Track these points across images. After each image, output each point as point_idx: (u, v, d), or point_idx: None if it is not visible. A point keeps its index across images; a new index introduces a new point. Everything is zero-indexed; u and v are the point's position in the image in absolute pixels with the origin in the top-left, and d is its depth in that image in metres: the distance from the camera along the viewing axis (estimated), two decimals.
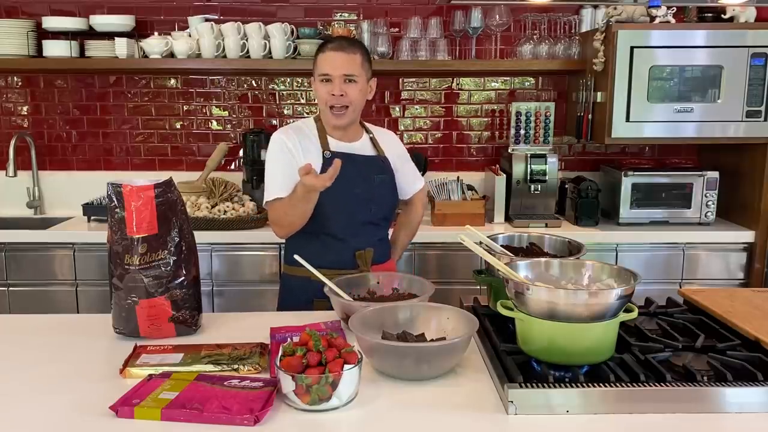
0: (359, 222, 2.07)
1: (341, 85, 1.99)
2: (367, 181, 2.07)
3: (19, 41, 3.19)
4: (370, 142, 2.17)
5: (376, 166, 2.12)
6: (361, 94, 2.04)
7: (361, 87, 2.03)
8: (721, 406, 1.26)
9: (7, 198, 3.46)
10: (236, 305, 2.96)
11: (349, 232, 2.06)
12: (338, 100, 2.00)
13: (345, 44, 2.04)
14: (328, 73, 2.00)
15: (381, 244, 2.16)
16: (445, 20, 3.33)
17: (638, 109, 2.95)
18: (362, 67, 2.03)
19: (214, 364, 1.44)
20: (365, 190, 2.06)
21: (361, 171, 2.07)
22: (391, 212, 2.21)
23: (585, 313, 1.33)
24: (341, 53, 2.00)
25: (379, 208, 2.12)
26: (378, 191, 2.10)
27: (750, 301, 1.72)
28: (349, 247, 2.06)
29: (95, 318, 1.84)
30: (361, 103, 2.06)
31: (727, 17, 3.02)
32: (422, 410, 1.28)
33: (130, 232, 1.60)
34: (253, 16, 3.37)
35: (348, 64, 2.00)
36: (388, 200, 2.16)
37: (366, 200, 2.07)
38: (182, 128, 3.53)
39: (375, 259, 2.11)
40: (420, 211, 2.38)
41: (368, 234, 2.11)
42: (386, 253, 2.21)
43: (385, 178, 2.13)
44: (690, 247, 3.04)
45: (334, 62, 1.99)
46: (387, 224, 2.21)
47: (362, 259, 2.07)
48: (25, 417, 1.26)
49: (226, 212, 3.06)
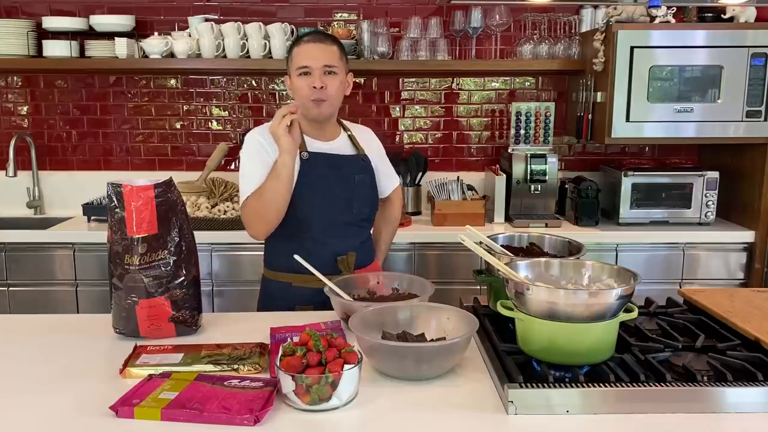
0: (340, 224, 2.02)
1: (322, 77, 1.93)
2: (346, 181, 2.02)
3: (19, 41, 3.20)
4: (348, 140, 2.11)
5: (356, 166, 2.07)
6: (341, 87, 1.99)
7: (341, 79, 1.99)
8: (721, 406, 1.26)
9: (7, 198, 3.46)
10: (236, 305, 2.96)
11: (330, 235, 2.00)
12: (319, 94, 1.93)
13: (322, 37, 2.00)
14: (307, 65, 1.93)
15: (363, 247, 2.10)
16: (445, 20, 3.33)
17: (638, 109, 2.95)
18: (341, 60, 1.99)
19: (214, 364, 1.44)
20: (345, 191, 2.01)
21: (341, 171, 2.02)
22: (373, 212, 2.15)
23: (585, 313, 1.33)
24: (320, 44, 1.95)
25: (360, 208, 2.06)
26: (358, 191, 2.05)
27: (750, 301, 1.72)
28: (330, 251, 2.00)
29: (95, 318, 1.84)
30: (340, 96, 2.01)
31: (727, 17, 3.02)
32: (422, 410, 1.28)
33: (130, 232, 1.60)
34: (253, 16, 3.37)
35: (327, 56, 1.95)
36: (369, 200, 2.10)
37: (346, 201, 2.02)
38: (182, 128, 3.53)
39: (359, 262, 2.05)
40: (398, 207, 2.34)
41: (350, 236, 2.05)
42: (370, 256, 2.16)
43: (365, 177, 2.08)
44: (690, 247, 3.04)
45: (313, 53, 1.94)
46: (369, 225, 2.16)
47: (344, 264, 2.01)
48: (25, 417, 1.26)
49: (226, 212, 3.06)
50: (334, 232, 2.01)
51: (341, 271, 1.99)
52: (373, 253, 2.21)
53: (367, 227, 2.16)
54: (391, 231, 2.36)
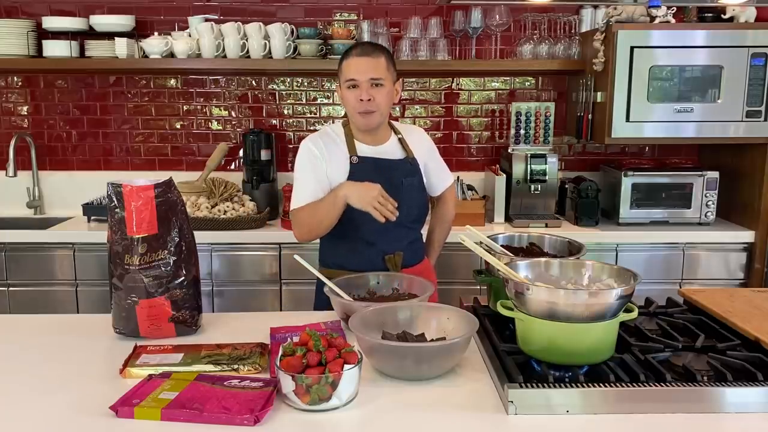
0: (389, 225, 2.02)
1: (368, 90, 1.99)
2: (394, 184, 2.05)
3: (19, 41, 3.20)
4: (398, 143, 2.16)
5: (404, 169, 2.11)
6: (388, 97, 2.05)
7: (388, 90, 2.04)
8: (721, 406, 1.26)
9: (7, 198, 3.46)
10: (236, 305, 2.96)
11: (378, 236, 2.05)
12: (366, 106, 2.00)
13: (369, 49, 2.05)
14: (354, 78, 2.00)
15: (412, 247, 2.15)
16: (445, 20, 3.33)
17: (638, 109, 2.95)
18: (388, 71, 2.04)
19: (214, 364, 1.44)
20: (393, 194, 2.03)
21: (389, 175, 2.06)
22: (422, 214, 2.20)
23: (585, 313, 1.33)
24: (366, 58, 2.01)
25: (409, 210, 2.09)
26: (407, 194, 2.08)
27: (750, 301, 1.72)
28: (378, 250, 2.06)
29: (95, 318, 1.84)
30: (387, 106, 2.07)
31: (727, 17, 3.02)
32: (422, 410, 1.28)
33: (130, 232, 1.60)
34: (253, 16, 3.37)
35: (373, 69, 2.00)
36: (417, 202, 2.15)
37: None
38: (182, 128, 3.53)
39: (406, 261, 2.10)
40: (451, 206, 2.38)
41: (398, 237, 2.09)
42: (419, 255, 2.20)
43: (414, 180, 2.13)
44: (690, 247, 3.04)
45: (360, 67, 2.00)
46: (419, 226, 2.20)
47: (391, 262, 2.07)
48: (25, 417, 1.26)
49: (226, 212, 3.06)
50: (382, 233, 2.05)
51: (389, 269, 2.05)
52: (424, 252, 2.25)
53: (417, 228, 2.19)
54: (445, 230, 2.39)
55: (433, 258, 2.35)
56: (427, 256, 2.30)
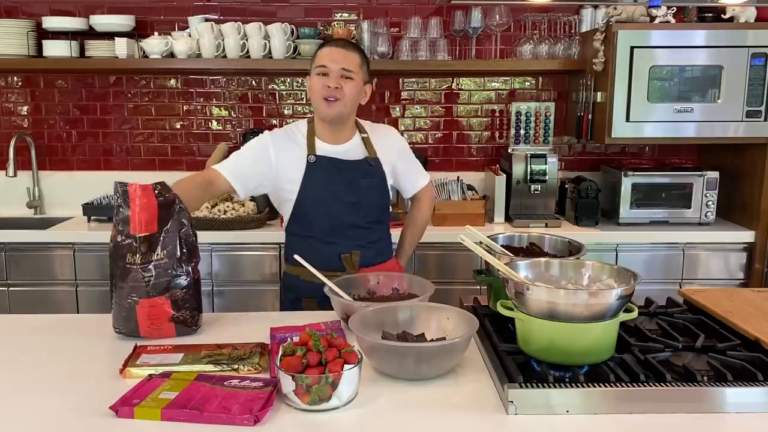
0: (346, 225, 2.05)
1: (338, 79, 1.98)
2: (351, 185, 2.05)
3: (19, 41, 3.20)
4: (361, 143, 2.12)
5: (362, 170, 2.08)
6: (355, 91, 2.02)
7: (357, 85, 2.02)
8: (721, 406, 1.26)
9: (7, 198, 3.46)
10: (236, 305, 2.96)
11: (335, 235, 2.05)
12: (333, 93, 1.98)
13: (346, 44, 2.06)
14: (325, 65, 1.99)
15: (375, 246, 2.12)
16: (445, 20, 3.33)
17: (638, 109, 2.95)
18: (360, 68, 2.03)
19: (214, 364, 1.44)
20: (350, 194, 2.04)
21: (346, 176, 2.05)
22: (383, 214, 2.17)
23: (585, 313, 1.33)
24: (341, 50, 2.02)
25: (368, 211, 2.09)
26: (365, 195, 2.07)
27: (750, 301, 1.72)
28: (335, 250, 2.05)
29: (95, 318, 1.84)
30: (354, 101, 2.04)
31: (727, 17, 3.02)
32: (422, 410, 1.28)
33: (133, 230, 1.61)
34: (253, 16, 3.37)
35: (346, 60, 2.00)
36: (376, 203, 2.12)
37: (352, 204, 2.05)
38: (182, 128, 3.53)
39: (368, 260, 2.08)
40: (425, 208, 2.35)
41: (356, 237, 2.07)
42: (386, 254, 2.18)
43: (372, 181, 2.10)
44: (690, 247, 3.04)
45: (333, 56, 2.00)
46: (381, 227, 2.17)
47: (348, 262, 2.05)
48: (25, 417, 1.26)
49: (226, 212, 3.06)
50: (339, 232, 2.05)
51: (345, 268, 2.03)
52: (391, 252, 2.23)
53: (379, 228, 2.16)
54: (416, 232, 2.37)
55: (402, 258, 2.32)
56: (397, 255, 2.28)
